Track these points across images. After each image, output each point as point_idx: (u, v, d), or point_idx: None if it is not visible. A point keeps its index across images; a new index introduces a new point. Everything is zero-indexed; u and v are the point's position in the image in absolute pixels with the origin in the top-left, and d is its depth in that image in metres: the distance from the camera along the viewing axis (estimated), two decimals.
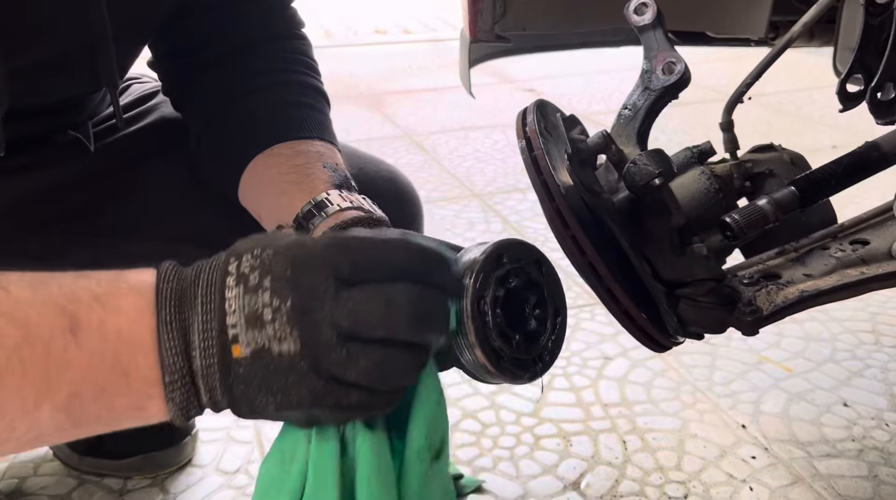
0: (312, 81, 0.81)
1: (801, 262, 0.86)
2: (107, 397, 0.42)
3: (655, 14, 0.83)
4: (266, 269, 0.43)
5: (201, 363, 0.43)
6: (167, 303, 0.43)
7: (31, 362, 0.39)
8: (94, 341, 0.41)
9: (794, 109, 2.90)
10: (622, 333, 1.42)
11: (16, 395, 0.39)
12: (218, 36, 0.80)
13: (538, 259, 0.58)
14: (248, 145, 0.74)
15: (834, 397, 1.22)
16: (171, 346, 0.42)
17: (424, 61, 4.18)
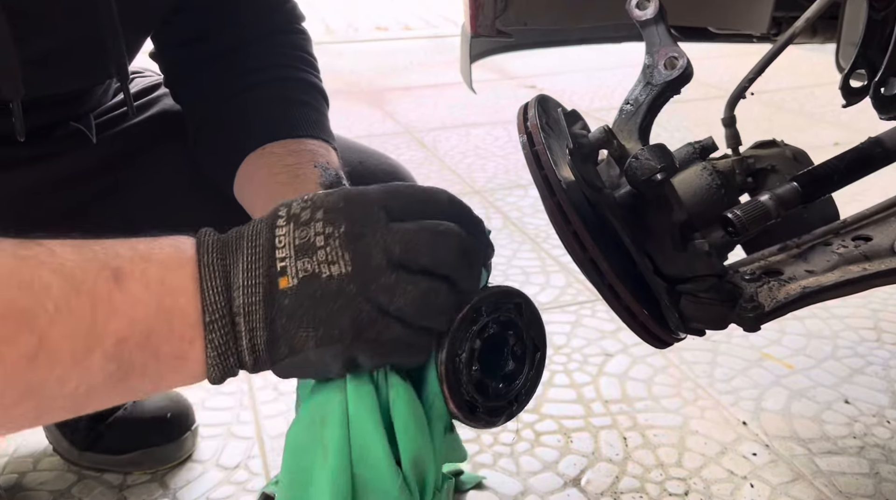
0: (310, 78, 0.80)
1: (803, 258, 0.86)
2: (153, 342, 0.42)
3: (657, 9, 0.82)
4: (318, 205, 0.45)
5: (243, 301, 0.43)
6: (209, 249, 0.44)
7: (79, 310, 0.40)
8: (138, 289, 0.42)
9: (796, 106, 2.89)
10: (623, 329, 1.42)
11: (66, 343, 0.40)
12: (217, 30, 0.80)
13: (517, 302, 0.56)
14: (242, 143, 0.74)
15: (835, 394, 1.22)
16: (212, 285, 0.43)
17: (425, 58, 4.18)
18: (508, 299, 0.55)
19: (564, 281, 1.61)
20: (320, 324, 0.43)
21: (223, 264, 0.44)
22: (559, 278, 1.63)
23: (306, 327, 0.43)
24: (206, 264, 0.44)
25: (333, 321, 0.43)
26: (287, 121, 0.75)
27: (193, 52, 0.80)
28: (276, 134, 0.73)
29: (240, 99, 0.77)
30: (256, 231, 0.45)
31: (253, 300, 0.43)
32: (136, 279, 0.42)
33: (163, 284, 0.43)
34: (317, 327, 0.43)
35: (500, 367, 0.55)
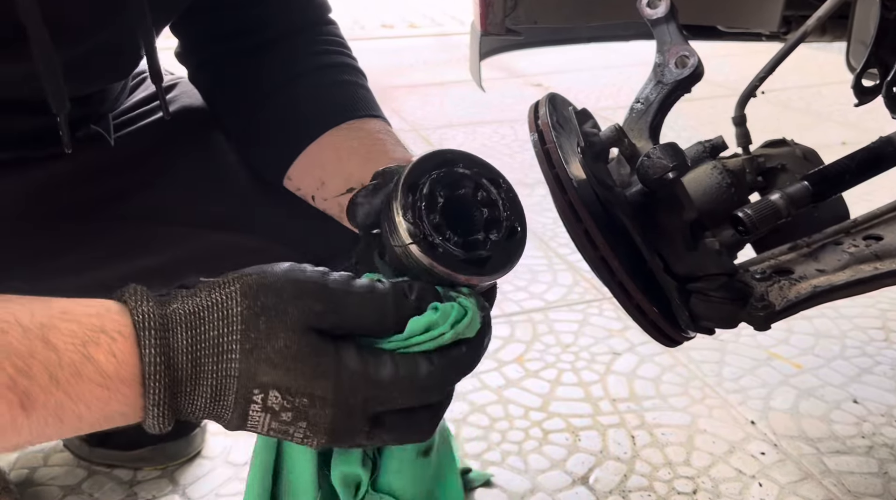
0: (355, 63, 0.83)
1: (813, 257, 0.86)
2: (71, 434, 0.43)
3: (669, 7, 0.82)
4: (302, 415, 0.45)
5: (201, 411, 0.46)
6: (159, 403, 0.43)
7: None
8: (50, 420, 0.41)
9: (803, 105, 2.89)
10: (630, 328, 1.42)
11: None
12: (259, 23, 0.81)
13: (495, 177, 0.57)
14: (316, 122, 0.75)
15: (843, 393, 1.22)
16: (159, 404, 0.44)
17: (431, 56, 4.17)
18: (485, 171, 0.57)
19: (571, 280, 1.61)
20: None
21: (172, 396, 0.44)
22: (566, 277, 1.63)
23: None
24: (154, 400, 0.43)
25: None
26: (356, 101, 0.77)
27: (234, 45, 0.81)
28: (346, 114, 0.75)
29: (305, 80, 0.78)
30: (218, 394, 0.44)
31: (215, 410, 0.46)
32: (49, 411, 0.40)
33: (82, 418, 0.42)
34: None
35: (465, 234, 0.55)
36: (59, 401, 0.40)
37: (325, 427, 0.45)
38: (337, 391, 0.44)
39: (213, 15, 0.80)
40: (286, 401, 0.44)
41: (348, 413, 0.45)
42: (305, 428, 0.45)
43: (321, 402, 0.44)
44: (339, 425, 0.45)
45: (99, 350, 0.42)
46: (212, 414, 0.45)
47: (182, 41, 0.85)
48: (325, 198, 0.73)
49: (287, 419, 0.44)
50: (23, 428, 0.40)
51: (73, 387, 0.41)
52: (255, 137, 0.80)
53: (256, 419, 0.44)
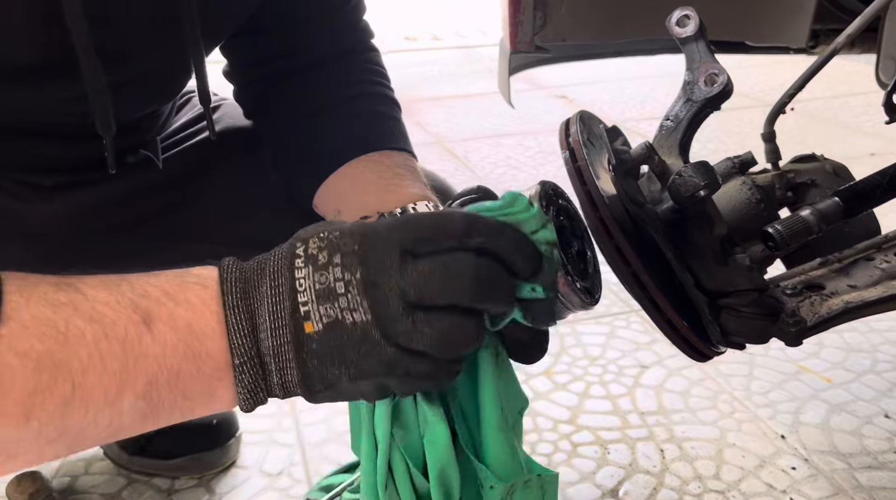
0: (391, 94, 0.85)
1: (845, 273, 0.86)
2: (181, 383, 0.45)
3: (698, 26, 0.83)
4: (335, 247, 0.45)
5: (271, 343, 0.45)
6: (233, 289, 0.46)
7: (110, 355, 0.43)
8: (166, 332, 0.44)
9: (830, 116, 2.87)
10: (658, 341, 1.43)
11: (98, 386, 0.43)
12: (301, 48, 0.83)
13: (577, 211, 0.60)
14: (340, 152, 0.77)
15: (875, 408, 1.21)
16: (239, 329, 0.45)
17: (455, 68, 4.20)
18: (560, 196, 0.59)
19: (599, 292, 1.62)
20: (351, 364, 0.45)
21: (247, 305, 0.45)
22: None
23: (338, 366, 0.45)
24: (231, 307, 0.45)
25: (362, 362, 0.45)
26: (386, 133, 0.79)
27: (273, 71, 0.83)
28: (377, 144, 0.77)
29: (341, 108, 0.80)
30: (276, 269, 0.46)
31: (281, 342, 0.45)
32: (164, 322, 0.44)
33: (190, 327, 0.45)
34: (348, 366, 0.45)
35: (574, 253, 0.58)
36: (170, 310, 0.45)
37: (356, 250, 0.45)
38: (362, 223, 0.47)
39: (257, 38, 0.83)
40: (321, 240, 0.46)
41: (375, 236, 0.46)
42: (340, 264, 0.44)
43: (349, 229, 0.46)
44: (366, 248, 0.45)
45: (196, 269, 0.48)
46: (272, 310, 0.46)
47: (229, 61, 0.87)
48: None
49: (324, 261, 0.45)
50: (149, 350, 0.44)
51: (179, 292, 0.45)
52: (286, 162, 0.83)
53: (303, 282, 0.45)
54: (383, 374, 0.45)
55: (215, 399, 0.46)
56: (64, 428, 0.43)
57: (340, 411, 1.25)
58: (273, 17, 0.80)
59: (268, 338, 0.45)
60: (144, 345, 0.44)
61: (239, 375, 0.45)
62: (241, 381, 0.45)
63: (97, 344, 0.42)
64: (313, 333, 0.44)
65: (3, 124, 0.69)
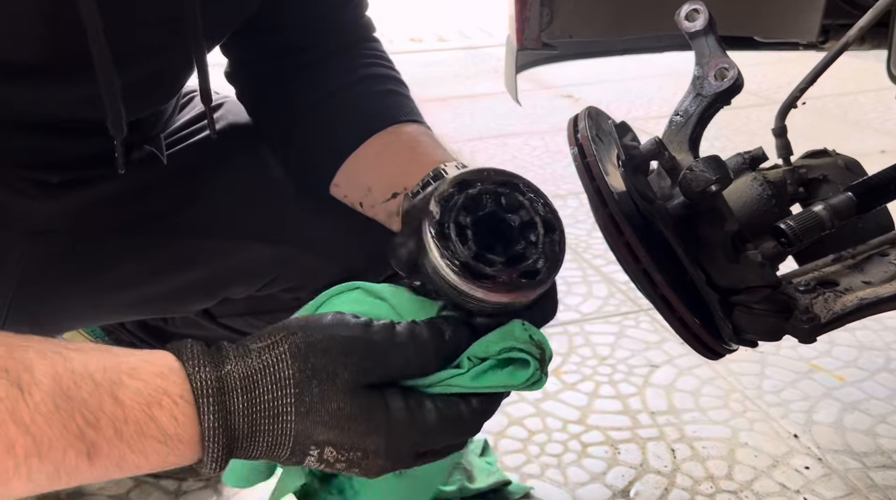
0: (397, 75, 0.85)
1: (859, 269, 0.85)
2: (126, 473, 0.45)
3: (707, 20, 0.82)
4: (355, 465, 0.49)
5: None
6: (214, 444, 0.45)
7: (39, 472, 0.41)
8: (111, 468, 0.44)
9: (839, 113, 2.84)
10: (668, 340, 1.41)
11: (28, 486, 0.42)
12: (306, 43, 0.83)
13: (513, 182, 0.57)
14: (358, 129, 0.77)
15: (889, 407, 1.19)
16: (215, 454, 0.46)
17: (461, 69, 4.19)
18: (502, 179, 0.57)
19: (607, 291, 1.61)
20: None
21: (228, 438, 0.46)
22: (601, 289, 1.62)
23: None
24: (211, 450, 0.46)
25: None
26: (400, 107, 0.79)
27: (286, 63, 0.83)
28: (385, 121, 0.77)
29: (352, 91, 0.80)
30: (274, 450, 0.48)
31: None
32: (112, 461, 0.43)
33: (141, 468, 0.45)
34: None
35: (507, 249, 0.56)
36: (121, 453, 0.43)
37: (376, 472, 0.49)
38: (388, 444, 0.48)
39: (261, 35, 0.82)
40: (340, 454, 0.47)
41: (398, 459, 0.49)
42: (358, 473, 0.49)
43: (373, 454, 0.48)
44: (388, 468, 0.49)
45: (162, 412, 0.44)
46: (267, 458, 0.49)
47: (232, 59, 0.87)
48: (373, 205, 0.74)
49: (341, 468, 0.48)
50: (84, 474, 0.43)
51: (135, 442, 0.44)
52: (301, 147, 0.82)
53: (311, 464, 0.49)
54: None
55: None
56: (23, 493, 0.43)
57: None
58: (277, 14, 0.80)
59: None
60: (81, 472, 0.43)
61: (205, 467, 0.47)
62: (208, 467, 0.47)
63: (27, 458, 0.41)
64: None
65: (9, 120, 0.69)
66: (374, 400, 0.48)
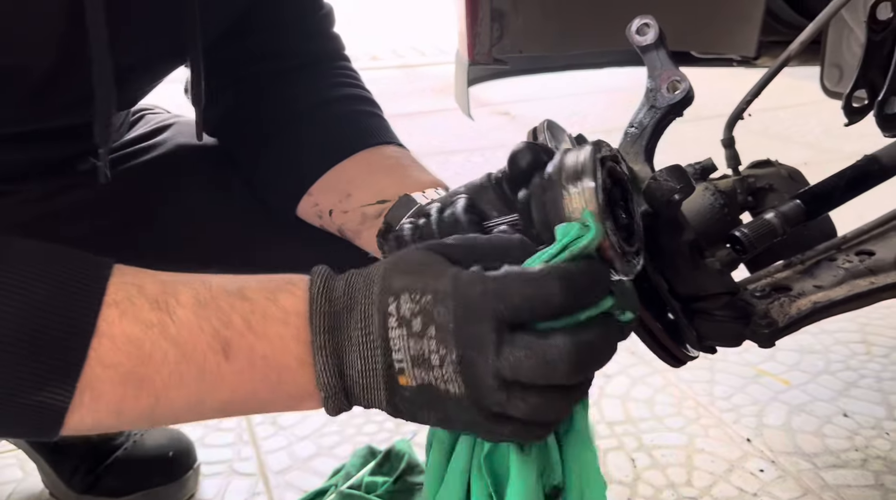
0: (372, 96, 0.85)
1: (809, 274, 0.88)
2: (257, 403, 0.49)
3: (658, 34, 0.84)
4: (429, 316, 0.45)
5: (362, 384, 0.47)
6: (320, 329, 0.47)
7: (189, 376, 0.47)
8: (243, 364, 0.47)
9: (762, 128, 2.97)
10: (619, 351, 1.42)
11: (178, 399, 0.47)
12: (276, 54, 0.81)
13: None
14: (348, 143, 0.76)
15: (833, 408, 1.24)
16: (326, 368, 0.47)
17: (397, 87, 4.20)
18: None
19: None
20: (440, 413, 0.47)
21: (335, 346, 0.47)
22: None
23: (427, 412, 0.47)
24: (320, 348, 0.47)
25: (451, 417, 0.47)
26: (381, 129, 0.79)
27: (248, 74, 0.81)
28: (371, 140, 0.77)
29: (332, 108, 0.80)
30: (368, 317, 0.47)
31: (373, 384, 0.47)
32: (243, 353, 0.47)
33: (266, 360, 0.47)
34: (437, 415, 0.47)
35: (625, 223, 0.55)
36: (250, 344, 0.47)
37: (451, 328, 0.45)
38: (456, 283, 0.45)
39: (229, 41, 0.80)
40: (414, 302, 0.46)
41: (469, 307, 0.45)
42: (435, 338, 0.45)
43: (443, 295, 0.45)
44: (462, 322, 0.45)
45: (283, 295, 0.49)
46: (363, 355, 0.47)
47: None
48: (347, 210, 0.73)
49: (418, 329, 0.45)
50: (225, 374, 0.47)
51: (261, 327, 0.47)
52: (275, 162, 0.80)
53: (397, 342, 0.46)
54: (468, 429, 0.48)
55: (296, 409, 0.50)
56: (154, 421, 0.49)
57: (302, 438, 1.21)
58: (247, 21, 0.79)
59: (359, 379, 0.47)
60: (222, 372, 0.47)
61: (325, 403, 0.48)
62: (326, 405, 0.48)
63: (178, 366, 0.46)
64: (407, 386, 0.46)
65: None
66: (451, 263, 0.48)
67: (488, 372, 0.44)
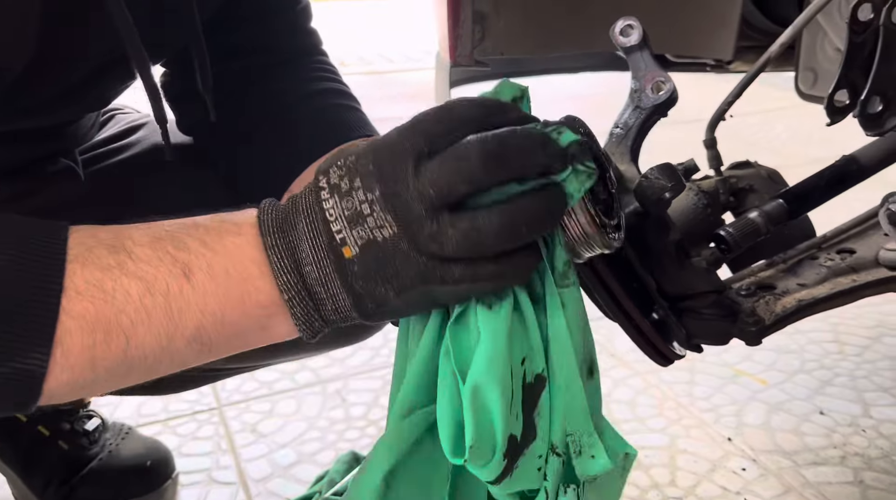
0: (349, 90, 0.84)
1: (792, 272, 0.89)
2: (228, 325, 0.48)
3: (641, 35, 0.84)
4: (353, 171, 0.46)
5: (317, 274, 0.46)
6: (271, 230, 0.48)
7: (155, 308, 0.46)
8: (206, 281, 0.47)
9: (731, 134, 3.01)
10: (599, 353, 1.43)
11: (149, 336, 0.47)
12: (255, 49, 0.80)
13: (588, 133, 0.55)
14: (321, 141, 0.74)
15: (810, 406, 1.25)
16: (282, 266, 0.47)
17: (364, 93, 4.16)
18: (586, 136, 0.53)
19: None
20: (392, 278, 0.46)
21: (287, 243, 0.47)
22: None
23: (382, 284, 0.46)
24: (271, 246, 0.47)
25: (401, 275, 0.46)
26: (358, 122, 0.78)
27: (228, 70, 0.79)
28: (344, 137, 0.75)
29: (294, 110, 0.78)
30: (307, 204, 0.47)
31: (326, 271, 0.46)
32: (203, 272, 0.47)
33: (228, 273, 0.47)
34: (391, 281, 0.46)
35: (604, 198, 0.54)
36: (209, 261, 0.47)
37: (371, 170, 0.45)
38: (375, 138, 0.47)
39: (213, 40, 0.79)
40: (340, 168, 0.47)
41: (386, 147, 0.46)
42: (362, 186, 0.45)
43: (364, 150, 0.46)
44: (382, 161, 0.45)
45: (235, 215, 0.50)
46: (311, 242, 0.47)
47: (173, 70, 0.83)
48: None
49: (346, 187, 0.45)
50: (190, 299, 0.47)
51: (217, 243, 0.48)
52: (258, 160, 0.79)
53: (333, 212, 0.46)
54: (421, 284, 0.46)
55: (271, 334, 0.49)
56: (126, 373, 0.48)
57: (282, 445, 1.19)
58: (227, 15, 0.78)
59: (313, 270, 0.46)
60: (185, 295, 0.47)
61: (291, 308, 0.47)
62: (294, 314, 0.47)
63: (142, 299, 0.46)
64: (353, 257, 0.46)
65: None
66: None
67: (412, 197, 0.44)
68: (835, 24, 1.11)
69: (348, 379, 1.37)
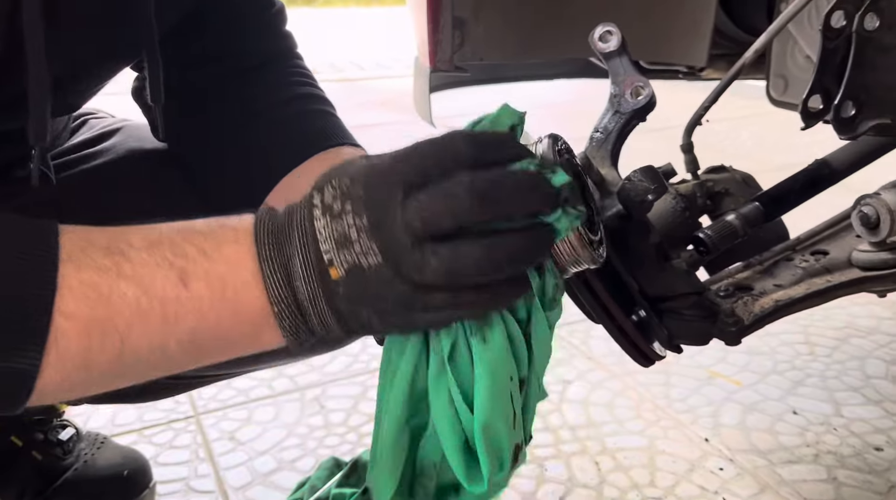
0: (324, 94, 0.83)
1: (769, 273, 0.91)
2: (222, 331, 0.48)
3: (620, 41, 0.86)
4: (346, 195, 0.46)
5: (305, 290, 0.47)
6: (266, 241, 0.48)
7: (150, 311, 0.47)
8: (202, 288, 0.47)
9: (699, 140, 3.04)
10: (575, 357, 1.45)
11: (144, 340, 0.47)
12: (231, 53, 0.79)
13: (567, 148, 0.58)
14: (294, 152, 0.74)
15: (783, 406, 1.28)
16: (275, 279, 0.47)
17: (337, 100, 4.16)
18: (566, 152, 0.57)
19: None
20: (375, 303, 0.46)
21: (281, 256, 0.48)
22: None
23: (365, 307, 0.47)
24: (266, 259, 0.48)
25: (383, 302, 0.46)
26: (334, 129, 0.77)
27: (203, 75, 0.78)
28: (316, 147, 0.74)
29: (267, 118, 0.77)
30: (300, 219, 0.48)
31: (313, 288, 0.47)
32: (199, 279, 0.47)
33: (223, 281, 0.48)
34: (374, 306, 0.47)
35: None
36: (206, 269, 0.47)
37: (362, 196, 0.46)
38: (370, 162, 0.48)
39: (184, 44, 0.78)
40: (335, 188, 0.47)
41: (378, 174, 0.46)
42: (352, 211, 0.46)
43: (358, 173, 0.47)
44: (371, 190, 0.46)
45: (233, 221, 0.50)
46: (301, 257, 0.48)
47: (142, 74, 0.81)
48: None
49: (338, 209, 0.46)
50: (185, 304, 0.47)
51: (214, 251, 0.48)
52: (234, 168, 0.78)
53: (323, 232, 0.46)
54: (403, 310, 0.46)
55: (260, 343, 0.50)
56: (123, 371, 0.48)
57: (262, 452, 1.17)
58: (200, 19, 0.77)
59: (302, 285, 0.47)
60: (182, 301, 0.47)
61: (280, 320, 0.48)
62: (282, 326, 0.48)
63: (138, 303, 0.46)
64: (339, 278, 0.46)
65: None
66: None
67: (398, 228, 0.44)
68: (805, 33, 1.14)
69: (326, 386, 1.36)
